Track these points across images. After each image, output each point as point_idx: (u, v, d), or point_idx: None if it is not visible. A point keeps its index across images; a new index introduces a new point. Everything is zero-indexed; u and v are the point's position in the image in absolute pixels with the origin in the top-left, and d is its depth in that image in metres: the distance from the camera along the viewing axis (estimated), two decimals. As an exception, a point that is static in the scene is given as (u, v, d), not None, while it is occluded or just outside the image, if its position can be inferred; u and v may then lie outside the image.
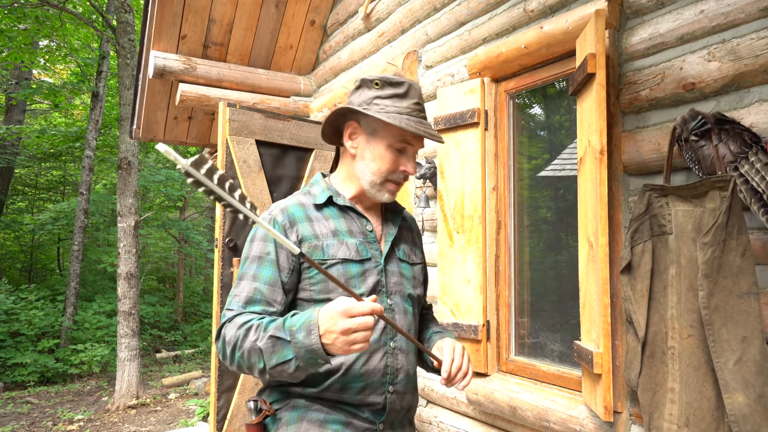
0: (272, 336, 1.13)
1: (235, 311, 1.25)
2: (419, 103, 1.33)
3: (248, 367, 1.19)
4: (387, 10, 3.36)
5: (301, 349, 1.09)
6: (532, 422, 2.20)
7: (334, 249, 1.30)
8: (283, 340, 1.11)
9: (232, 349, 1.19)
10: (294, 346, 1.10)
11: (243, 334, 1.18)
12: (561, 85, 2.47)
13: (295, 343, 1.10)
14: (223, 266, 3.14)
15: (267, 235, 1.29)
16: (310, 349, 1.08)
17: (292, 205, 1.34)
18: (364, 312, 1.06)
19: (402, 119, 1.27)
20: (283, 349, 1.11)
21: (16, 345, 8.57)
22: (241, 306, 1.25)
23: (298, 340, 1.09)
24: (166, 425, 6.03)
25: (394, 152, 1.32)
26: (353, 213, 1.38)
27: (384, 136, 1.31)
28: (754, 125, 1.59)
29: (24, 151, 11.56)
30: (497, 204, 2.56)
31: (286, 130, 3.43)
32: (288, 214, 1.32)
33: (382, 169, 1.32)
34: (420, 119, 1.32)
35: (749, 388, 1.44)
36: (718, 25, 1.69)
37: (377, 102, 1.31)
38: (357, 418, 1.28)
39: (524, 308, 2.55)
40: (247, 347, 1.16)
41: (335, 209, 1.37)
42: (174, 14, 3.64)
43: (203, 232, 14.52)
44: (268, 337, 1.13)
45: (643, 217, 1.73)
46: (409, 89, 1.32)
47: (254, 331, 1.17)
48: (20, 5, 8.11)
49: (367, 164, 1.33)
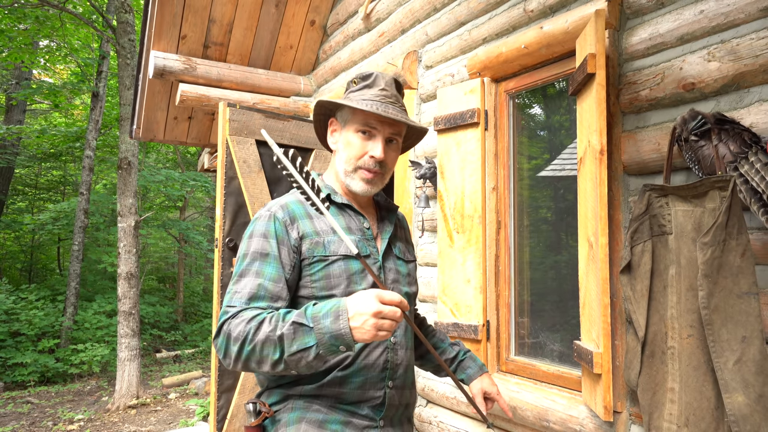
0: (295, 322, 1.12)
1: (237, 308, 1.21)
2: (386, 89, 1.36)
3: (258, 360, 1.15)
4: (387, 10, 3.36)
5: (325, 334, 1.09)
6: (531, 422, 2.20)
7: (335, 245, 1.31)
8: (306, 327, 1.11)
9: (240, 344, 1.15)
10: (318, 333, 1.09)
11: (255, 327, 1.15)
12: (561, 85, 2.47)
13: (319, 329, 1.09)
14: (223, 266, 3.14)
15: (267, 232, 1.28)
16: (336, 334, 1.08)
17: (292, 202, 1.35)
18: (395, 301, 1.09)
19: (364, 103, 1.31)
20: (304, 335, 1.10)
21: (16, 345, 8.57)
22: (244, 302, 1.22)
23: (324, 325, 1.09)
24: (166, 425, 6.04)
25: (361, 137, 1.34)
26: (350, 210, 1.40)
27: (352, 124, 1.35)
28: (754, 125, 1.59)
29: (24, 151, 11.56)
30: (497, 204, 2.56)
31: (286, 130, 3.44)
32: (288, 210, 1.32)
33: (350, 155, 1.34)
34: (387, 104, 1.34)
35: (749, 388, 1.45)
36: (718, 25, 1.69)
37: (350, 96, 1.37)
38: (356, 416, 1.29)
39: (524, 308, 2.55)
40: (261, 339, 1.13)
41: (333, 207, 1.38)
42: (174, 14, 3.64)
43: (203, 232, 14.53)
44: (291, 323, 1.12)
45: (642, 217, 1.73)
46: (376, 78, 1.37)
47: (269, 322, 1.15)
48: (20, 5, 8.11)
49: (340, 154, 1.37)
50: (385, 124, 1.34)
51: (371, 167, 1.34)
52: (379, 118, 1.32)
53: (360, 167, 1.34)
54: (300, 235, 1.29)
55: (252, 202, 3.25)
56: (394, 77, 1.41)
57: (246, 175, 3.24)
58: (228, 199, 3.19)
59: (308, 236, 1.30)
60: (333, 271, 1.29)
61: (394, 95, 1.37)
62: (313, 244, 1.29)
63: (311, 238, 1.30)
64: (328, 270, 1.29)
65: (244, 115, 3.25)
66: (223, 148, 3.18)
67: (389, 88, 1.37)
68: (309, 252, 1.29)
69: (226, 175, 3.19)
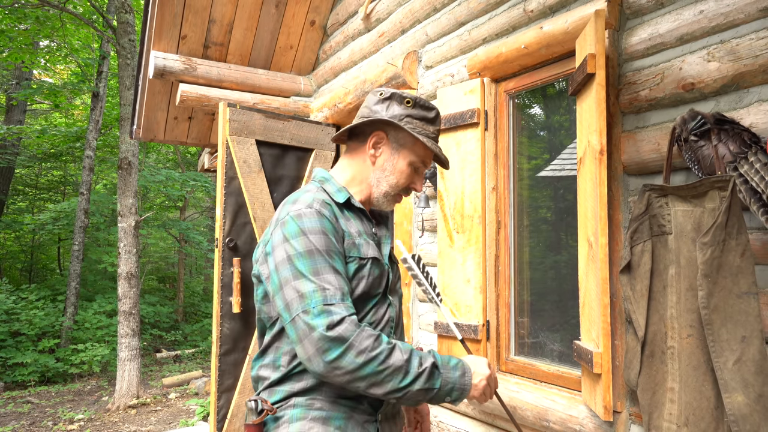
0: (434, 364, 1.25)
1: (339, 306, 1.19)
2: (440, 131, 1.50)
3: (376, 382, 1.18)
4: (387, 11, 3.36)
5: (450, 383, 1.26)
6: (531, 422, 2.20)
7: (365, 248, 1.35)
8: (439, 372, 1.25)
9: (368, 359, 1.16)
10: (443, 379, 1.25)
11: (388, 350, 1.19)
12: (561, 85, 2.47)
13: (446, 378, 1.26)
14: (223, 266, 3.14)
15: (324, 228, 1.26)
16: (459, 387, 1.27)
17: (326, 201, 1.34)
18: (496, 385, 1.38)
19: (433, 144, 1.40)
20: (435, 378, 1.24)
21: (16, 345, 8.58)
22: (340, 299, 1.19)
23: (453, 376, 1.27)
24: (166, 425, 6.04)
25: (413, 170, 1.43)
26: (364, 216, 1.44)
27: (408, 154, 1.41)
28: (754, 125, 1.59)
29: (24, 151, 11.56)
30: (497, 204, 2.56)
31: (286, 130, 3.44)
32: (330, 209, 1.32)
33: (399, 183, 1.42)
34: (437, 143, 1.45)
35: (749, 388, 1.45)
36: (718, 25, 1.69)
37: (409, 120, 1.39)
38: (357, 411, 1.31)
39: (524, 308, 2.56)
40: (396, 365, 1.19)
41: (351, 211, 1.40)
42: (174, 14, 3.64)
43: (203, 232, 14.53)
44: (432, 364, 1.25)
45: (642, 217, 1.73)
46: (437, 116, 1.44)
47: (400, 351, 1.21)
48: (21, 5, 8.12)
49: (387, 176, 1.41)
50: (430, 161, 1.46)
51: (407, 195, 1.47)
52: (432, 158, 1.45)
53: (401, 195, 1.45)
54: (342, 232, 1.33)
55: (252, 202, 3.25)
56: None
57: (246, 175, 3.24)
58: (228, 199, 3.19)
59: (346, 236, 1.33)
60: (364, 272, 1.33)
61: None
62: (350, 245, 1.32)
63: (348, 238, 1.33)
64: (362, 272, 1.33)
65: (244, 115, 3.25)
66: (224, 148, 3.18)
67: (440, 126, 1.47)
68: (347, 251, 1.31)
69: (226, 175, 3.19)
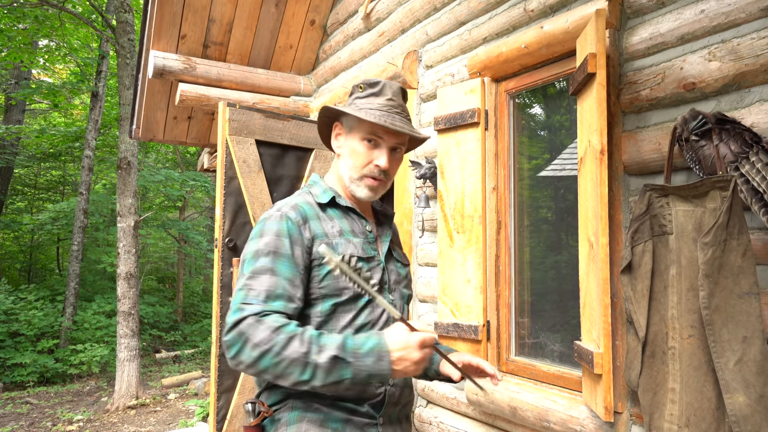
0: (335, 356, 1.14)
1: (255, 306, 1.19)
2: (393, 99, 1.38)
3: (278, 375, 1.15)
4: (387, 10, 3.36)
5: (364, 371, 1.14)
6: (532, 422, 2.20)
7: (344, 247, 1.34)
8: (345, 361, 1.14)
9: (262, 352, 1.14)
10: (356, 369, 1.14)
11: (284, 341, 1.14)
12: (561, 84, 2.46)
13: (358, 366, 1.14)
14: (222, 266, 3.13)
15: (280, 231, 1.28)
16: (376, 374, 1.15)
17: (302, 203, 1.36)
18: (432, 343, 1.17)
19: (371, 113, 1.34)
20: (342, 369, 1.14)
21: (15, 345, 8.56)
22: (261, 301, 1.20)
23: (365, 364, 1.14)
24: (165, 425, 6.03)
25: (367, 146, 1.37)
26: (354, 214, 1.43)
27: (357, 131, 1.38)
28: (755, 125, 1.59)
29: (23, 151, 11.55)
30: (497, 204, 2.56)
31: (285, 130, 3.43)
32: (300, 211, 1.33)
33: (357, 163, 1.37)
34: (394, 114, 1.37)
35: (750, 389, 1.44)
36: (719, 24, 1.68)
37: (356, 102, 1.39)
38: (356, 414, 1.29)
39: (524, 308, 2.55)
40: (290, 357, 1.13)
41: (338, 210, 1.41)
42: (174, 14, 3.64)
43: (203, 232, 14.52)
44: (331, 358, 1.13)
45: (643, 217, 1.73)
46: (384, 87, 1.39)
47: (300, 341, 1.14)
48: (20, 5, 8.11)
49: (346, 160, 1.40)
50: (391, 135, 1.36)
51: (376, 175, 1.37)
52: (386, 130, 1.35)
53: (365, 175, 1.37)
54: (312, 235, 1.31)
55: (252, 202, 3.25)
56: (400, 86, 1.43)
57: (246, 175, 3.23)
58: (228, 199, 3.19)
59: (319, 237, 1.32)
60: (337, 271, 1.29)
61: (400, 105, 1.40)
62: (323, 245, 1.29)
63: (322, 239, 1.32)
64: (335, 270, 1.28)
65: (243, 114, 3.25)
66: (223, 148, 3.17)
67: (396, 97, 1.40)
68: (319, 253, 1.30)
69: (225, 175, 3.18)
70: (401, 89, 1.42)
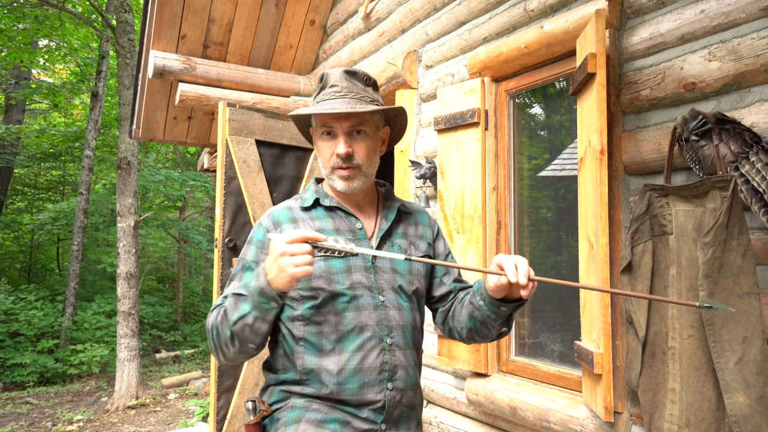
0: (234, 294, 1.24)
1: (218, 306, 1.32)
2: (335, 85, 1.35)
3: (225, 343, 1.25)
4: (387, 10, 3.36)
5: (254, 294, 1.19)
6: (532, 422, 2.20)
7: None
8: (242, 296, 1.22)
9: (215, 333, 1.27)
10: (250, 297, 1.20)
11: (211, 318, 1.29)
12: (561, 84, 2.46)
13: (250, 293, 1.20)
14: (222, 266, 3.13)
15: (252, 239, 1.38)
16: (260, 291, 1.17)
17: (278, 209, 1.42)
18: (298, 238, 1.15)
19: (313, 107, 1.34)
20: (242, 303, 1.22)
21: (15, 345, 8.56)
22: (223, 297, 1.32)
23: (252, 287, 1.20)
24: (165, 426, 6.03)
25: (327, 138, 1.36)
26: (340, 212, 1.41)
27: (317, 129, 1.39)
28: (755, 125, 1.59)
29: (23, 151, 11.54)
30: (497, 204, 2.56)
31: (285, 129, 3.43)
32: (273, 217, 1.40)
33: (324, 159, 1.38)
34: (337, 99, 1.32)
35: (750, 389, 1.44)
36: (719, 24, 1.68)
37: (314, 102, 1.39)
38: (357, 418, 1.28)
39: (524, 308, 2.55)
40: (220, 320, 1.25)
41: (322, 210, 1.41)
42: (174, 14, 3.64)
43: (203, 232, 14.51)
44: (231, 295, 1.25)
45: (643, 217, 1.73)
46: (326, 77, 1.38)
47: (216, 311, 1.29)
48: (20, 5, 8.11)
49: (320, 160, 1.41)
50: (341, 119, 1.33)
51: (341, 164, 1.34)
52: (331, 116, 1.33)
53: (333, 168, 1.35)
54: None
55: (252, 202, 3.25)
56: (346, 68, 1.39)
57: (246, 175, 3.23)
58: (228, 199, 3.19)
59: None
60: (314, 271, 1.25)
61: (345, 87, 1.35)
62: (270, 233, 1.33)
63: None
64: None
65: (243, 114, 3.25)
66: (223, 148, 3.17)
67: (339, 82, 1.36)
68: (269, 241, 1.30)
69: (225, 175, 3.18)
70: (346, 71, 1.37)
